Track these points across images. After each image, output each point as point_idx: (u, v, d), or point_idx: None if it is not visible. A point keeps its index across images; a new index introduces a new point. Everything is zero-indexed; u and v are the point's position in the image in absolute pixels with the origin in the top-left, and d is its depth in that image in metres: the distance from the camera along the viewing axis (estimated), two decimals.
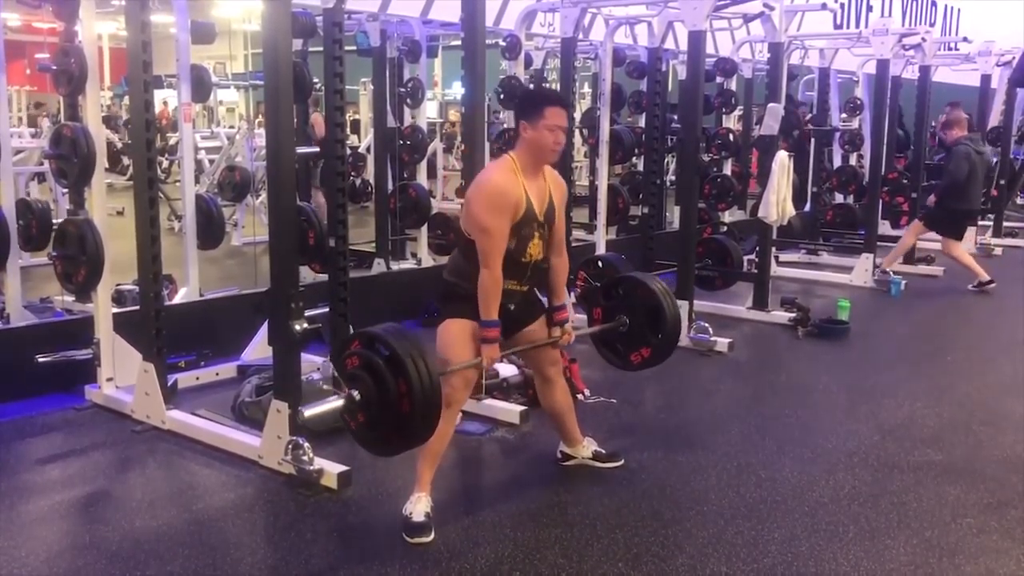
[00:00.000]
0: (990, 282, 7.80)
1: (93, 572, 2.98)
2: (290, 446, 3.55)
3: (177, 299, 5.45)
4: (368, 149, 9.31)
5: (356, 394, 2.91)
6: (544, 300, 3.62)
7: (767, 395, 5.01)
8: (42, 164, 7.79)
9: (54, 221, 4.97)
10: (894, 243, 8.38)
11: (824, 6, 7.43)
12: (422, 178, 7.21)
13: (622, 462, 3.85)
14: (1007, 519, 3.43)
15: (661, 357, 3.90)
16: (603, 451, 3.87)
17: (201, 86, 5.48)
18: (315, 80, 5.53)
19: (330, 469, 3.54)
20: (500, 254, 3.21)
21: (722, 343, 5.69)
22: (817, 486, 3.70)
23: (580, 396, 4.63)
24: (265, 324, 4.34)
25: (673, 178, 10.74)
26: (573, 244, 7.11)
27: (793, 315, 6.32)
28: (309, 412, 2.95)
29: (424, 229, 7.05)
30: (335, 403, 2.95)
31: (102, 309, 4.42)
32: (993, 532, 3.32)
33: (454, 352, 3.30)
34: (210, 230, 5.42)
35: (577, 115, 9.10)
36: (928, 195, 8.10)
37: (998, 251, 9.92)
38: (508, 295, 3.33)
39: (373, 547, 3.14)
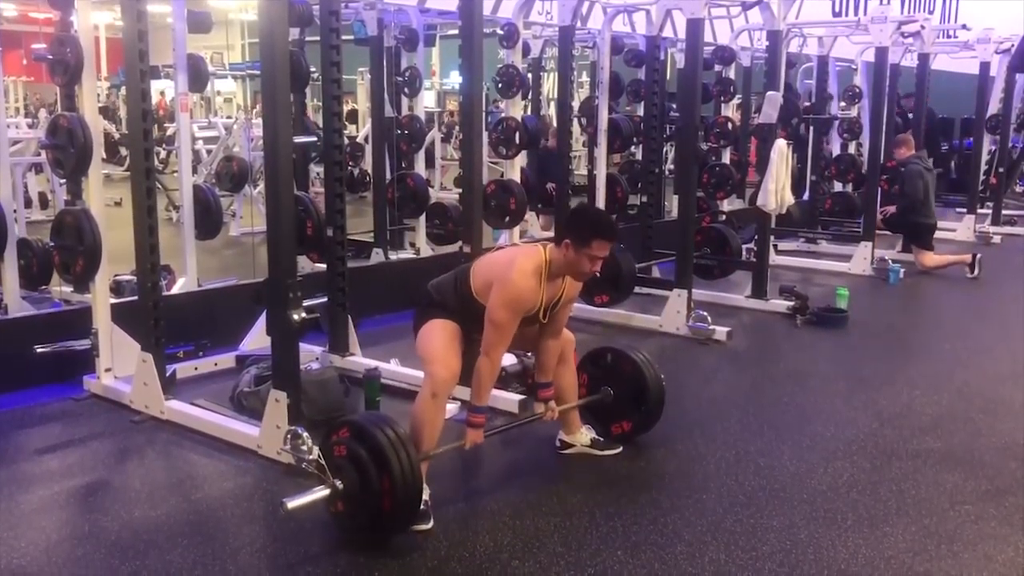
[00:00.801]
0: (974, 256, 7.92)
1: (92, 562, 2.98)
2: (289, 436, 3.55)
3: (175, 289, 5.44)
4: (366, 139, 9.29)
5: (339, 484, 3.01)
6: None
7: (765, 383, 5.01)
8: (39, 155, 7.78)
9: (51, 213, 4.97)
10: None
11: None
12: (420, 168, 7.20)
13: (620, 449, 3.86)
14: (1005, 506, 3.44)
15: (641, 431, 3.97)
16: (601, 439, 3.88)
17: (198, 76, 5.46)
18: (312, 69, 5.51)
19: None
20: (505, 348, 3.38)
21: (720, 332, 5.70)
22: (816, 474, 3.71)
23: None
24: (263, 314, 4.35)
25: (671, 167, 10.73)
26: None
27: (792, 303, 6.32)
28: (292, 504, 2.98)
29: (422, 219, 7.04)
30: (319, 494, 3.02)
31: (100, 299, 4.42)
32: (991, 519, 3.33)
33: (435, 344, 3.39)
34: (208, 220, 5.41)
35: (575, 104, 9.09)
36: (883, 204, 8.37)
37: (997, 239, 9.91)
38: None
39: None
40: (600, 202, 6.62)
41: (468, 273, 3.49)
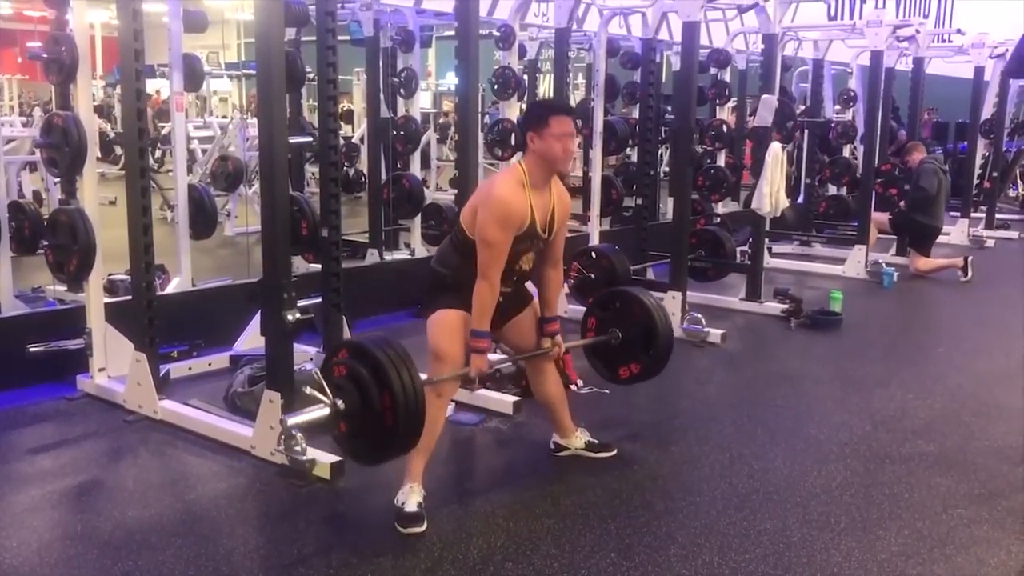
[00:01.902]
0: (966, 259, 7.94)
1: (85, 562, 2.97)
2: (282, 436, 3.54)
3: (169, 289, 5.44)
4: (361, 139, 9.29)
5: (341, 404, 2.94)
6: (534, 291, 3.63)
7: (759, 386, 5.02)
8: (33, 153, 7.75)
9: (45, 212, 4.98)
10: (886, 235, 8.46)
11: None
12: (416, 168, 7.19)
13: (614, 452, 3.86)
14: (998, 509, 3.44)
15: (650, 374, 3.95)
16: (596, 441, 3.87)
17: (193, 75, 5.44)
18: (308, 70, 5.51)
19: (323, 459, 3.53)
20: (500, 268, 3.25)
21: (715, 334, 5.70)
22: (809, 477, 3.71)
23: (573, 386, 4.63)
24: (258, 314, 4.34)
25: (667, 169, 10.74)
26: (567, 235, 7.11)
27: (786, 306, 6.33)
28: (293, 420, 2.96)
29: (418, 219, 7.04)
30: (320, 412, 2.97)
31: (94, 299, 4.41)
32: (984, 523, 3.34)
33: (445, 343, 3.32)
34: (203, 220, 5.41)
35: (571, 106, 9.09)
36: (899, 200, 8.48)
37: (990, 243, 9.96)
38: None
39: (366, 537, 3.14)
40: (595, 204, 6.62)
41: (459, 223, 3.39)
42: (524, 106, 8.29)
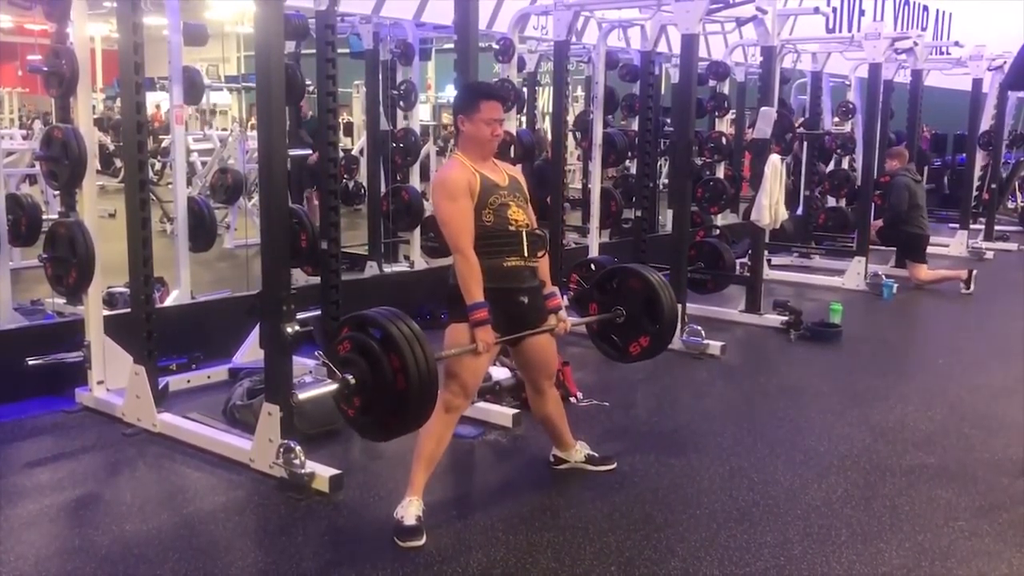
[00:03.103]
0: (970, 272, 7.95)
1: None
2: (281, 449, 3.54)
3: (168, 302, 5.43)
4: (361, 152, 9.30)
5: (350, 378, 2.88)
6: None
7: (759, 398, 5.01)
8: (33, 166, 7.77)
9: (44, 219, 4.97)
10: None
11: (817, 10, 7.46)
12: (415, 181, 7.20)
13: (615, 466, 3.85)
14: (999, 522, 3.43)
15: (660, 346, 3.88)
16: (595, 455, 3.86)
17: (193, 88, 5.46)
18: (308, 82, 5.52)
19: (322, 472, 3.53)
20: (467, 235, 3.21)
21: (714, 346, 5.70)
22: (809, 489, 3.70)
23: (573, 399, 4.63)
24: (257, 327, 4.34)
25: (666, 181, 10.75)
26: (566, 247, 7.12)
27: (785, 318, 6.32)
28: (304, 395, 2.93)
29: (417, 232, 7.04)
30: (330, 386, 2.90)
31: (93, 311, 4.40)
32: (985, 535, 3.33)
33: (464, 362, 3.28)
34: (202, 232, 5.41)
35: (570, 118, 9.12)
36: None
37: (989, 255, 9.95)
38: (517, 276, 3.32)
39: (364, 551, 3.13)
40: (595, 215, 6.63)
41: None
42: (523, 120, 8.36)
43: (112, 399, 4.39)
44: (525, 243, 3.33)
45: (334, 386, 2.90)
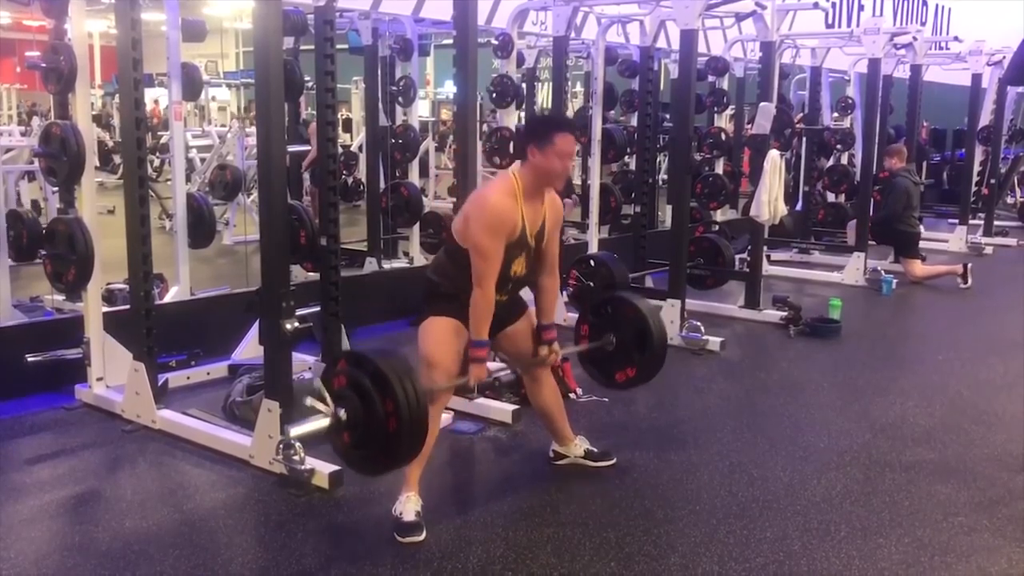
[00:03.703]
0: (965, 266, 7.97)
1: (83, 573, 2.96)
2: (281, 445, 3.54)
3: (168, 298, 5.42)
4: (360, 148, 9.29)
5: (342, 413, 2.91)
6: (529, 302, 3.62)
7: (759, 394, 5.01)
8: (32, 162, 7.76)
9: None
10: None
11: (816, 5, 7.44)
12: (414, 177, 7.19)
13: (614, 461, 3.85)
14: (998, 517, 3.44)
15: (646, 377, 3.91)
16: (595, 450, 3.86)
17: (192, 84, 5.45)
18: (307, 78, 5.51)
19: (321, 469, 3.53)
20: (494, 275, 3.23)
21: (714, 342, 5.70)
22: (809, 485, 3.70)
23: (572, 395, 4.63)
24: (256, 323, 4.34)
25: (665, 177, 10.75)
26: (566, 243, 7.12)
27: (785, 314, 6.32)
28: (295, 431, 2.94)
29: (416, 228, 7.04)
30: (322, 422, 2.94)
31: (92, 308, 4.40)
32: (984, 531, 3.33)
33: (437, 349, 3.32)
34: (201, 229, 5.40)
35: (569, 114, 9.11)
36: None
37: (988, 250, 9.96)
38: None
39: (364, 547, 3.13)
40: (594, 211, 6.63)
41: (451, 231, 3.37)
42: (523, 115, 8.35)
43: (112, 396, 4.39)
44: (510, 287, 3.41)
45: (326, 421, 2.93)
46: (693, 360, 5.55)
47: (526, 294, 3.63)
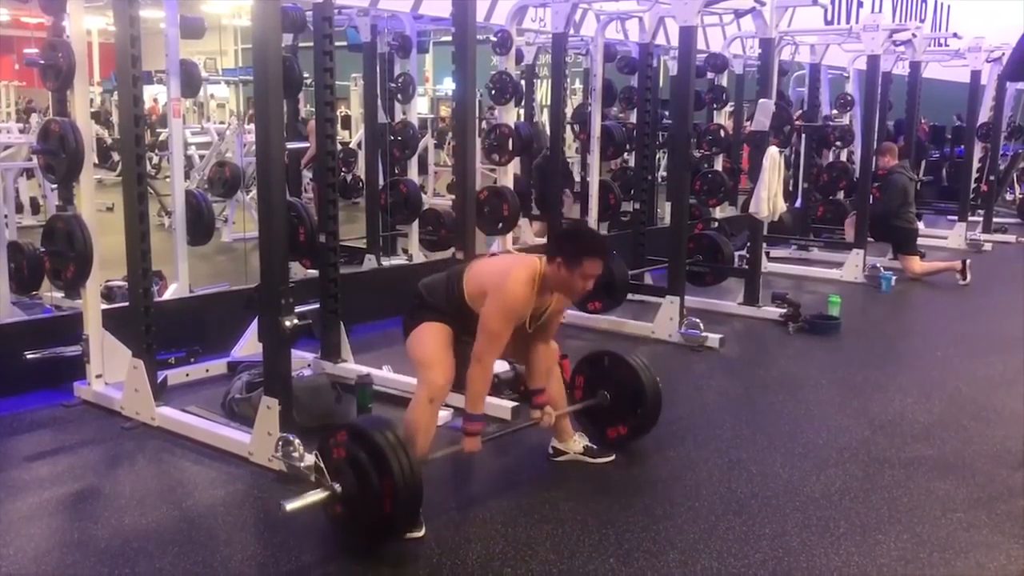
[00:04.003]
0: (964, 262, 7.98)
1: (82, 570, 2.96)
2: (280, 442, 3.54)
3: (167, 295, 5.42)
4: (359, 145, 9.28)
5: (338, 487, 2.98)
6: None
7: (758, 391, 5.01)
8: (30, 160, 7.75)
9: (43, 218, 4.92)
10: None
11: (815, 2, 7.42)
12: (413, 174, 7.18)
13: (613, 457, 3.85)
14: (997, 513, 3.44)
15: (637, 436, 3.96)
16: (594, 446, 3.87)
17: (191, 81, 5.45)
18: (305, 75, 5.51)
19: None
20: (497, 354, 3.41)
21: (713, 339, 5.70)
22: (808, 481, 3.71)
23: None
24: (255, 320, 4.34)
25: (664, 174, 10.75)
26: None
27: (784, 311, 6.32)
28: (291, 506, 2.96)
29: (415, 225, 7.03)
30: (317, 496, 2.99)
31: (91, 305, 4.40)
32: (983, 527, 3.34)
33: (434, 349, 3.39)
34: (200, 226, 5.39)
35: (568, 111, 9.10)
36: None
37: (988, 247, 9.96)
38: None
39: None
40: (593, 208, 6.63)
41: (461, 278, 3.47)
42: (522, 112, 8.32)
43: (111, 393, 4.39)
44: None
45: (323, 495, 2.99)
46: (692, 357, 5.56)
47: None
